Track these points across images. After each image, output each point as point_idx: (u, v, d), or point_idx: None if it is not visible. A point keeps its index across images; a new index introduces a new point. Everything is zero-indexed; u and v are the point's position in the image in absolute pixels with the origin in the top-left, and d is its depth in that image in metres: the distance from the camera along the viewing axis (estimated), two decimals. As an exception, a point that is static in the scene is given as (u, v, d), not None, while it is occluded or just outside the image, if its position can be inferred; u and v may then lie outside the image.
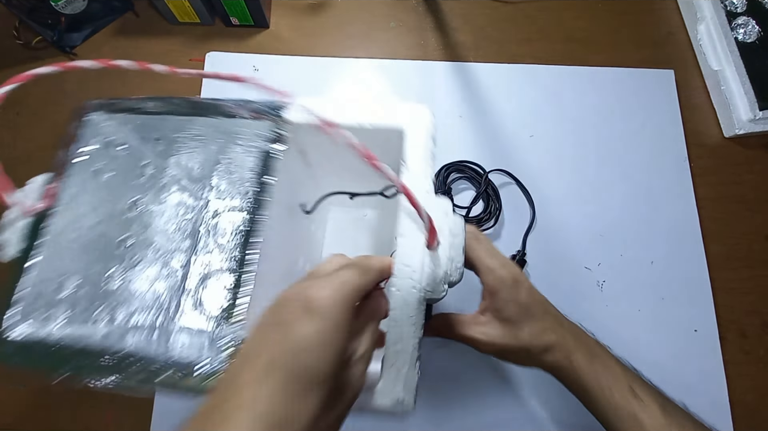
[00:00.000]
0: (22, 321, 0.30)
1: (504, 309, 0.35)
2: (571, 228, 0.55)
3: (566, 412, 0.49)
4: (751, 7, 0.60)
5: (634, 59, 0.63)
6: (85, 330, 0.34)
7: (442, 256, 0.29)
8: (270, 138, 0.32)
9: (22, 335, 0.30)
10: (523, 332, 0.35)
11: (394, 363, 0.27)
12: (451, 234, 0.30)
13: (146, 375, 0.28)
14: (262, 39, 0.63)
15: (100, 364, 0.28)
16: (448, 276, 0.29)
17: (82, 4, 0.58)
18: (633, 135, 0.59)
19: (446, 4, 0.65)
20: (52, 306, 0.33)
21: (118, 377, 0.28)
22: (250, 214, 0.30)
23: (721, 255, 0.55)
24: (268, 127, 0.33)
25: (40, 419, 0.49)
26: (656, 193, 0.57)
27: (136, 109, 0.35)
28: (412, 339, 0.28)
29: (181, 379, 0.28)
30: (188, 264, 0.49)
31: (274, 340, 0.21)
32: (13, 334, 0.30)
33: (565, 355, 0.35)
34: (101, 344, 0.30)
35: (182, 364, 0.28)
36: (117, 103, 0.35)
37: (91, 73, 0.61)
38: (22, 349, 0.29)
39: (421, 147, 0.31)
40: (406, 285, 0.28)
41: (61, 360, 0.29)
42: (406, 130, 0.32)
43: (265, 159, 0.32)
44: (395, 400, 0.27)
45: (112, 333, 0.36)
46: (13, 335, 0.30)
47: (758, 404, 0.50)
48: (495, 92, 0.61)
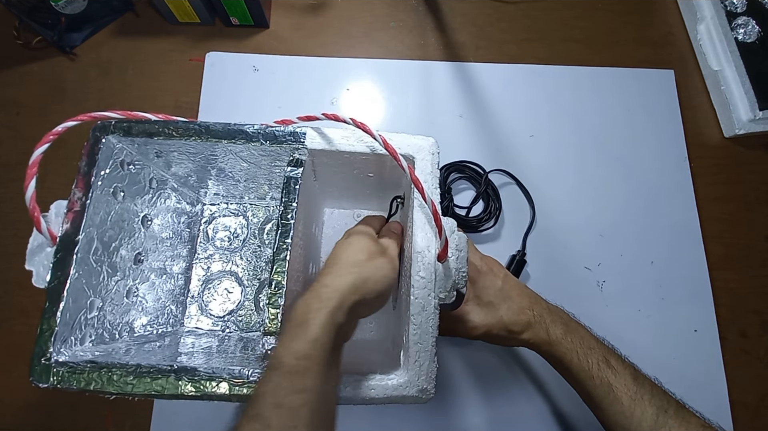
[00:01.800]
0: (63, 346, 0.32)
1: (483, 295, 0.41)
2: (571, 228, 0.55)
3: (574, 407, 0.49)
4: (751, 7, 0.60)
5: (634, 59, 0.63)
6: (111, 346, 0.36)
7: (451, 268, 0.34)
8: (293, 162, 0.36)
9: (66, 358, 0.31)
10: (501, 312, 0.40)
11: (417, 359, 0.32)
12: (457, 249, 0.34)
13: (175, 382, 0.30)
14: (262, 39, 0.63)
15: (127, 377, 0.30)
16: (456, 284, 0.34)
17: (82, 4, 0.58)
18: (633, 135, 0.59)
19: (446, 4, 0.65)
20: (83, 327, 0.34)
21: (143, 387, 0.30)
22: (280, 233, 0.33)
23: (721, 255, 0.55)
24: (290, 152, 0.36)
25: (40, 419, 0.49)
26: (656, 193, 0.57)
27: (154, 132, 0.36)
28: (430, 338, 0.32)
29: (210, 384, 0.30)
30: (190, 268, 0.49)
31: (364, 254, 0.32)
32: (60, 358, 0.31)
33: (543, 330, 0.40)
34: (125, 358, 0.32)
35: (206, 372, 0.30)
36: (134, 126, 0.36)
37: (91, 72, 0.61)
38: (69, 372, 0.30)
39: (429, 172, 0.36)
40: (423, 294, 0.33)
41: (93, 378, 0.30)
42: (416, 156, 0.36)
43: (289, 181, 0.35)
44: (419, 389, 0.32)
45: (132, 346, 0.37)
46: (61, 359, 0.31)
47: (758, 404, 0.50)
48: (495, 92, 0.61)
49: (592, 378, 0.38)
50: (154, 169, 0.42)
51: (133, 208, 0.40)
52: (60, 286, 0.32)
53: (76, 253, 0.32)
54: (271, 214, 0.52)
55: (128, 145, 0.37)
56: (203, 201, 0.51)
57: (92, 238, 0.34)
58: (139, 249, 0.41)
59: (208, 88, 0.60)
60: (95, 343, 0.35)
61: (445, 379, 0.50)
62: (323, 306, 0.27)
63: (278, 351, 0.26)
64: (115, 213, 0.37)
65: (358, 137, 0.37)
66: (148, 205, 0.42)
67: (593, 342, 0.40)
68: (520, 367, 0.50)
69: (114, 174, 0.36)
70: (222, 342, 0.44)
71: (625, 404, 0.36)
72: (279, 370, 0.25)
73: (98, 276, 0.35)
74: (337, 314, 0.27)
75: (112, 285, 0.37)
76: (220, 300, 0.49)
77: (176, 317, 0.47)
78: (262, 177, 0.44)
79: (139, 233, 0.41)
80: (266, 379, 0.25)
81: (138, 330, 0.41)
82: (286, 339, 0.27)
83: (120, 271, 0.38)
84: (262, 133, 0.36)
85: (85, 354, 0.33)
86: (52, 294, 0.32)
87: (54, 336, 0.31)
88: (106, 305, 0.36)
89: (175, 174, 0.43)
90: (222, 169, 0.42)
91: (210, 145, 0.36)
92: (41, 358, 0.30)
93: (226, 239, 0.51)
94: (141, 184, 0.40)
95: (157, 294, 0.44)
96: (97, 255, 0.35)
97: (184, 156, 0.39)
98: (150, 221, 0.42)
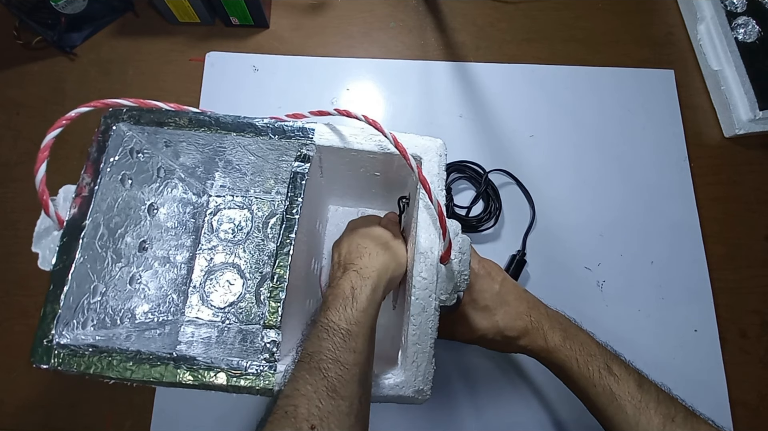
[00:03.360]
0: (65, 328, 0.32)
1: (480, 299, 0.40)
2: (571, 228, 0.55)
3: (572, 416, 0.49)
4: (751, 7, 0.60)
5: (634, 59, 0.63)
6: (112, 331, 0.36)
7: (453, 270, 0.34)
8: (300, 157, 0.36)
9: (67, 341, 0.31)
10: (497, 317, 0.39)
11: (414, 359, 0.32)
12: (460, 251, 0.34)
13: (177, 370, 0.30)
14: (262, 39, 0.63)
15: (126, 363, 0.30)
16: (457, 286, 0.34)
17: (82, 4, 0.58)
18: (633, 135, 0.59)
19: (446, 4, 0.65)
20: (85, 311, 0.34)
21: (142, 373, 0.30)
22: (285, 228, 0.33)
23: (721, 255, 0.55)
24: (298, 147, 0.36)
25: (40, 419, 0.49)
26: (656, 193, 0.57)
27: (164, 122, 0.36)
28: (429, 339, 0.32)
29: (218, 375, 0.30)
30: (193, 258, 0.49)
31: (383, 244, 0.37)
32: (62, 340, 0.31)
33: (540, 337, 0.39)
34: (125, 344, 0.32)
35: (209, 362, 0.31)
36: (144, 115, 0.36)
37: (91, 72, 0.61)
38: (70, 355, 0.31)
39: (436, 173, 0.36)
40: (424, 295, 0.33)
41: (93, 362, 0.30)
42: (423, 157, 0.36)
43: (295, 176, 0.35)
44: (416, 390, 0.32)
45: (132, 332, 0.38)
46: (63, 341, 0.31)
47: (758, 404, 0.50)
48: (495, 92, 0.61)
49: (593, 386, 0.36)
50: (163, 158, 0.42)
51: (140, 196, 0.40)
52: (65, 270, 0.32)
53: (82, 238, 0.33)
54: (276, 209, 0.52)
55: (138, 134, 0.37)
56: (209, 192, 0.51)
57: (98, 224, 0.34)
58: (144, 237, 0.41)
59: (208, 88, 0.60)
60: (97, 328, 0.35)
61: (441, 383, 0.49)
62: (366, 283, 0.32)
63: (331, 318, 0.30)
64: (122, 200, 0.37)
65: (367, 135, 0.36)
66: (154, 194, 0.42)
67: (595, 348, 0.38)
68: (517, 374, 0.50)
69: (123, 161, 0.36)
70: (221, 333, 0.44)
71: (629, 413, 0.35)
72: (336, 332, 0.29)
73: (103, 262, 0.36)
74: (378, 290, 0.33)
75: (116, 272, 0.37)
76: (222, 292, 0.49)
77: (177, 306, 0.47)
78: (269, 171, 0.44)
79: (144, 221, 0.41)
80: (322, 338, 0.29)
81: (139, 317, 0.41)
82: (339, 308, 0.31)
83: (124, 258, 0.38)
84: (271, 127, 0.36)
85: (86, 338, 0.33)
86: (57, 277, 0.32)
87: (57, 319, 0.31)
88: (109, 291, 0.37)
89: (183, 164, 0.43)
90: (229, 161, 0.42)
91: (219, 136, 0.36)
92: (43, 340, 0.30)
93: (230, 231, 0.51)
94: (149, 173, 0.40)
95: (159, 282, 0.44)
96: (102, 241, 0.35)
97: (193, 146, 0.39)
98: (156, 210, 0.43)
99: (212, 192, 0.51)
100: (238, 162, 0.42)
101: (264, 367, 0.30)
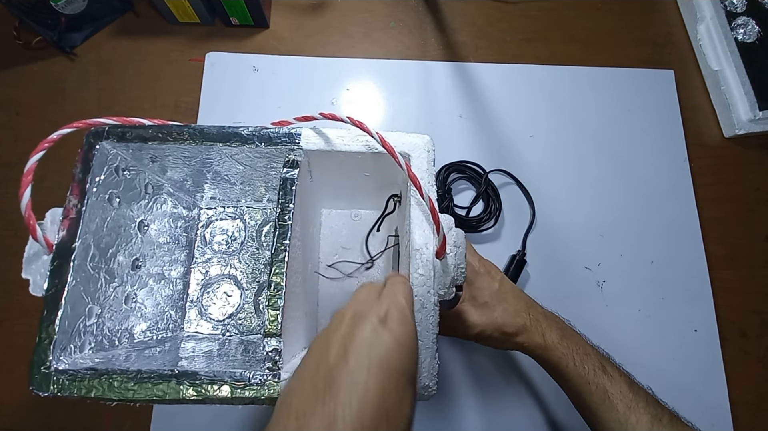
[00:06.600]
0: (62, 354, 0.31)
1: (479, 296, 0.41)
2: (571, 228, 0.55)
3: (567, 416, 0.49)
4: (751, 7, 0.60)
5: (634, 59, 0.63)
6: (111, 353, 0.36)
7: (449, 264, 0.33)
8: (288, 163, 0.35)
9: (66, 366, 0.31)
10: (496, 313, 0.40)
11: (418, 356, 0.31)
12: (455, 245, 0.34)
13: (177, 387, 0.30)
14: (262, 39, 0.63)
15: (127, 383, 0.30)
16: (455, 280, 0.34)
17: (82, 4, 0.58)
18: (633, 135, 0.59)
19: (446, 4, 0.65)
20: (82, 334, 0.34)
21: (144, 392, 0.30)
22: (278, 235, 0.33)
23: (721, 256, 0.55)
24: (285, 153, 0.36)
25: (40, 419, 0.49)
26: (656, 193, 0.57)
27: (148, 137, 0.36)
28: (431, 335, 0.32)
29: (213, 389, 0.30)
30: (188, 273, 0.49)
31: (368, 344, 0.24)
32: (60, 366, 0.31)
33: (538, 334, 0.39)
34: (125, 365, 0.32)
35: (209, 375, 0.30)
36: (128, 131, 0.36)
37: (91, 72, 0.61)
38: (70, 380, 0.30)
39: (425, 169, 0.36)
40: (422, 291, 0.32)
41: (93, 386, 0.30)
42: (412, 154, 0.36)
43: (285, 182, 0.35)
44: (421, 386, 0.31)
45: (132, 352, 0.37)
46: (61, 367, 0.31)
47: (758, 404, 0.50)
48: (495, 92, 0.61)
49: (588, 384, 0.38)
50: (150, 174, 0.41)
51: (129, 214, 0.39)
52: (58, 294, 0.31)
53: (73, 261, 0.32)
54: (269, 216, 0.51)
55: (122, 151, 0.37)
56: (200, 205, 0.51)
57: (89, 245, 0.34)
58: (136, 255, 0.41)
59: (208, 88, 0.60)
60: (95, 350, 0.35)
61: (442, 381, 0.50)
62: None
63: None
64: (112, 219, 0.37)
65: (354, 136, 0.36)
66: (144, 211, 0.41)
67: (589, 349, 0.40)
68: (515, 373, 0.50)
69: (109, 180, 0.36)
70: (223, 346, 0.44)
71: (621, 411, 0.36)
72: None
73: (96, 283, 0.35)
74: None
75: (111, 292, 0.37)
76: (220, 304, 0.49)
77: (176, 322, 0.47)
78: (259, 179, 0.43)
79: (136, 239, 0.40)
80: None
81: (138, 337, 0.41)
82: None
83: (118, 278, 0.38)
84: (257, 134, 0.36)
85: (85, 361, 0.32)
86: (50, 302, 0.31)
87: (53, 345, 0.30)
88: (105, 312, 0.36)
89: (171, 178, 0.43)
90: (218, 172, 0.41)
91: (205, 148, 0.36)
92: (40, 367, 0.30)
93: (223, 242, 0.51)
94: (136, 190, 0.40)
95: (156, 299, 0.44)
96: (94, 262, 0.35)
97: (180, 160, 0.39)
98: (147, 226, 0.42)
99: (203, 204, 0.51)
100: (227, 172, 0.41)
101: (268, 376, 0.30)
